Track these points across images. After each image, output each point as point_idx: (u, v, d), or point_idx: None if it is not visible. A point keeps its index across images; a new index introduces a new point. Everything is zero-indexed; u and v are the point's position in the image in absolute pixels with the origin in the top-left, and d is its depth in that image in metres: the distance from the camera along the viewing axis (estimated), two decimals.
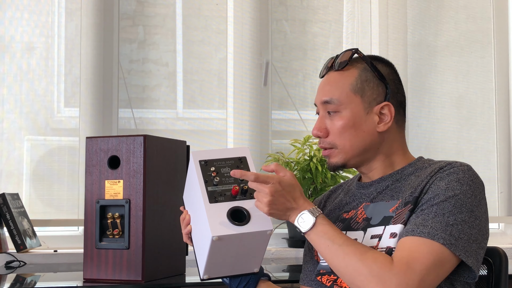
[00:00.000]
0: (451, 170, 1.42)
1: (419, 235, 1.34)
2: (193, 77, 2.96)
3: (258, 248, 1.45)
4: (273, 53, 3.03)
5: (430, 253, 1.33)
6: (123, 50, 2.88)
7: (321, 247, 1.38)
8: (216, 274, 1.47)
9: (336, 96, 1.51)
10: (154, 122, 2.91)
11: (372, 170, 1.55)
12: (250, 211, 1.40)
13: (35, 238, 2.58)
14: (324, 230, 1.39)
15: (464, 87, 3.18)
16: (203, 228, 1.39)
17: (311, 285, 1.62)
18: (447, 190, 1.39)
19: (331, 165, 1.54)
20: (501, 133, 3.16)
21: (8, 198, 2.50)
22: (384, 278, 1.30)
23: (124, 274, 1.92)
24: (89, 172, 1.97)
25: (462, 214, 1.37)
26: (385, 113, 1.51)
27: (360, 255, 1.34)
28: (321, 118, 1.54)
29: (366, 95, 1.50)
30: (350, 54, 1.53)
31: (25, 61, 2.79)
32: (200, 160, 1.45)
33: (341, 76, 1.52)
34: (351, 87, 1.51)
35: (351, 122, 1.50)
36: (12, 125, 2.76)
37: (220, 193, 1.41)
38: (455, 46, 3.18)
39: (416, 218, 1.38)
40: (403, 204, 1.44)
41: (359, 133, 1.50)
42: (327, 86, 1.54)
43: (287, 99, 3.04)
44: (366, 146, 1.51)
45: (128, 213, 1.92)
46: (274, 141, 3.01)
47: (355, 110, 1.50)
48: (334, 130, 1.51)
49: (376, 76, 1.52)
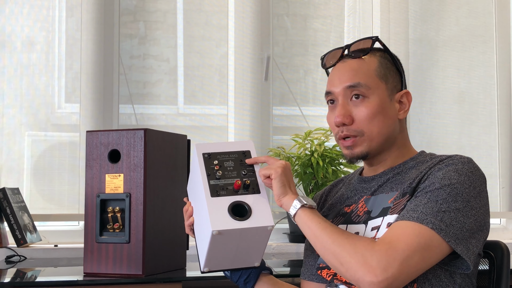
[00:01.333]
0: (450, 162, 1.42)
1: (407, 219, 1.34)
2: (194, 73, 2.95)
3: (259, 243, 1.44)
4: (274, 49, 3.02)
5: (415, 235, 1.31)
6: (123, 45, 2.87)
7: (311, 224, 1.38)
8: (216, 267, 1.47)
9: (363, 80, 1.47)
10: (155, 118, 2.90)
11: (381, 161, 1.53)
12: (252, 206, 1.40)
13: (36, 232, 2.58)
14: (318, 213, 1.41)
15: (466, 83, 3.17)
16: (204, 221, 1.39)
17: (312, 280, 1.62)
18: (444, 179, 1.37)
19: (354, 155, 1.50)
20: (503, 128, 3.16)
21: (9, 192, 2.49)
22: (365, 256, 1.30)
23: (125, 268, 1.91)
24: (90, 166, 1.97)
25: (456, 203, 1.35)
26: (403, 101, 1.51)
27: (346, 236, 1.35)
28: (343, 105, 1.48)
29: (389, 81, 1.50)
30: (371, 42, 1.51)
31: (26, 56, 2.79)
32: (203, 153, 1.44)
33: (363, 62, 1.50)
34: (376, 72, 1.49)
35: (380, 107, 1.47)
36: (12, 121, 2.76)
37: (222, 187, 1.41)
38: (457, 41, 3.18)
39: (409, 204, 1.38)
40: (401, 195, 1.43)
41: (386, 120, 1.48)
42: (350, 71, 1.49)
43: (288, 95, 3.03)
44: (390, 133, 1.50)
45: (129, 207, 1.92)
46: (275, 137, 3.01)
47: (382, 96, 1.48)
48: (361, 116, 1.47)
49: (394, 64, 1.52)
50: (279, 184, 1.42)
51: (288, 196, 1.42)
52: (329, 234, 1.35)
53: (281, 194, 1.42)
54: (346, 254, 1.32)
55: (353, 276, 1.31)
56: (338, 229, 1.37)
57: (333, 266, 1.36)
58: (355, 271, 1.30)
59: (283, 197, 1.42)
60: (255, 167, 1.46)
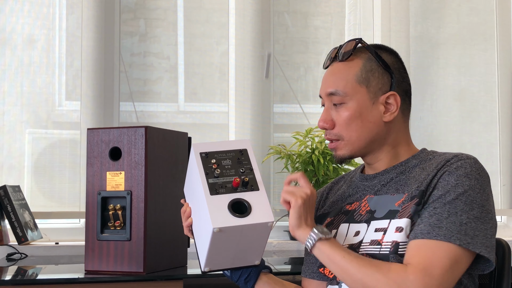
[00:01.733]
0: (458, 164, 1.41)
1: (435, 238, 1.34)
2: (194, 71, 2.95)
3: (259, 240, 1.44)
4: (274, 46, 3.02)
5: (447, 257, 1.32)
6: (124, 43, 2.87)
7: (335, 257, 1.37)
8: (217, 267, 1.47)
9: (341, 87, 1.49)
10: (155, 116, 2.90)
11: (377, 161, 1.54)
12: (251, 203, 1.40)
13: (37, 230, 2.58)
14: (337, 243, 1.39)
15: (467, 80, 3.17)
16: (204, 220, 1.39)
17: (312, 277, 1.62)
18: (457, 186, 1.38)
19: (338, 157, 1.53)
20: (504, 126, 3.16)
21: (9, 190, 2.49)
22: (402, 286, 1.30)
23: (126, 265, 1.91)
24: (90, 163, 1.97)
25: (473, 210, 1.36)
26: (391, 103, 1.50)
27: (375, 265, 1.34)
28: (326, 110, 1.53)
29: (372, 85, 1.49)
30: (353, 44, 1.52)
31: (26, 54, 2.79)
32: (201, 152, 1.44)
33: (346, 66, 1.51)
34: (355, 77, 1.49)
35: (357, 113, 1.48)
36: (13, 118, 2.76)
37: (221, 185, 1.40)
38: (458, 39, 3.17)
39: (430, 217, 1.37)
40: (409, 198, 1.43)
41: (366, 124, 1.49)
42: (331, 77, 1.52)
43: (289, 92, 3.03)
44: (373, 137, 1.50)
45: (130, 205, 1.92)
46: (275, 134, 3.01)
47: (361, 101, 1.49)
48: (340, 121, 1.50)
49: (381, 65, 1.50)
50: (296, 216, 1.40)
51: (302, 229, 1.41)
52: (357, 267, 1.34)
53: (296, 226, 1.41)
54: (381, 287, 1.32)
55: None
56: (364, 259, 1.36)
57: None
58: None
59: (297, 229, 1.41)
60: (253, 164, 1.46)
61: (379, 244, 1.42)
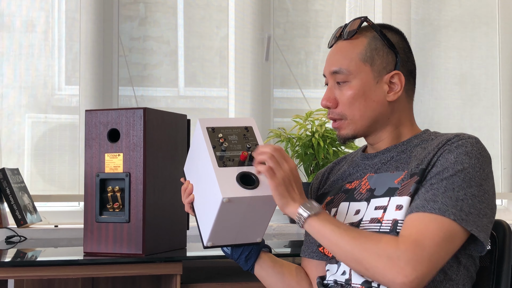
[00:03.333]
0: (459, 143, 1.40)
1: (429, 211, 1.32)
2: (194, 55, 2.94)
3: (263, 215, 1.44)
4: (275, 30, 3.00)
5: (439, 229, 1.31)
6: (123, 27, 2.86)
7: (325, 232, 1.35)
8: (220, 242, 1.47)
9: (345, 65, 1.48)
10: (155, 100, 2.89)
11: (380, 140, 1.53)
12: (259, 176, 1.40)
13: (36, 213, 2.58)
14: (327, 217, 1.38)
15: (468, 64, 3.15)
16: (211, 192, 1.39)
17: (312, 257, 1.61)
18: (456, 163, 1.36)
19: (341, 136, 1.52)
20: (505, 109, 3.15)
21: (8, 173, 2.49)
22: (392, 257, 1.28)
23: (125, 247, 1.91)
24: (89, 145, 1.96)
25: (471, 188, 1.35)
26: (395, 82, 1.48)
27: (365, 237, 1.33)
28: (330, 88, 1.51)
29: (376, 64, 1.48)
30: (359, 22, 1.50)
31: (25, 37, 2.77)
32: (207, 126, 1.44)
33: (350, 45, 1.50)
34: (360, 56, 1.48)
35: (361, 91, 1.47)
36: (13, 102, 2.75)
37: (228, 158, 1.41)
38: (459, 22, 3.15)
39: (426, 193, 1.36)
40: (408, 175, 1.42)
41: (369, 103, 1.48)
42: (336, 55, 1.51)
43: (289, 76, 3.02)
44: (376, 116, 1.49)
45: (128, 187, 1.91)
46: (276, 119, 3.00)
47: (365, 80, 1.47)
48: (343, 100, 1.48)
49: (386, 44, 1.49)
50: (278, 197, 1.38)
51: (290, 207, 1.38)
52: (346, 239, 1.33)
53: (283, 206, 1.39)
54: (371, 259, 1.30)
55: (382, 278, 1.30)
56: (355, 230, 1.35)
57: (358, 271, 1.35)
58: (383, 275, 1.29)
59: (285, 209, 1.39)
60: (259, 141, 1.47)
61: (379, 222, 1.42)
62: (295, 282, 1.60)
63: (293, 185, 1.39)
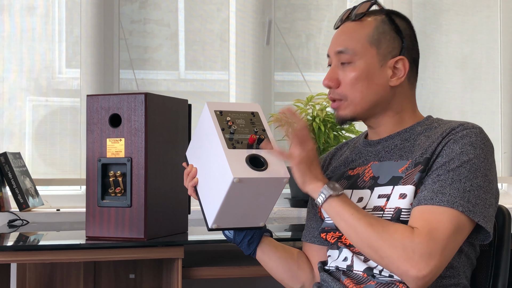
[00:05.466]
0: (464, 133, 1.40)
1: (438, 204, 1.33)
2: (195, 38, 2.93)
3: (269, 199, 1.46)
4: (276, 13, 2.99)
5: (450, 222, 1.32)
6: (124, 10, 2.85)
7: (344, 214, 1.37)
8: (224, 225, 1.48)
9: (351, 46, 1.48)
10: (156, 83, 2.89)
11: (380, 125, 1.53)
12: (268, 159, 1.42)
13: (38, 197, 2.59)
14: (348, 200, 1.39)
15: (469, 48, 3.15)
16: (220, 173, 1.40)
17: (313, 242, 1.63)
18: (462, 154, 1.37)
19: (339, 117, 1.51)
20: (505, 93, 3.15)
21: (10, 157, 2.50)
22: (407, 249, 1.30)
23: (127, 232, 1.92)
24: (90, 130, 1.96)
25: (477, 179, 1.36)
26: (399, 68, 1.48)
27: (382, 225, 1.34)
28: (333, 68, 1.50)
29: (382, 47, 1.48)
30: (368, 5, 1.50)
31: (26, 21, 2.76)
32: (215, 110, 1.46)
33: (358, 26, 1.50)
34: (367, 38, 1.48)
35: (364, 73, 1.47)
36: (13, 86, 2.75)
37: (237, 141, 1.42)
38: (461, 6, 3.14)
39: (433, 184, 1.36)
40: (413, 165, 1.42)
41: (371, 86, 1.47)
42: (342, 36, 1.51)
43: (290, 60, 3.01)
44: (377, 99, 1.49)
45: (130, 171, 1.92)
46: (276, 102, 3.00)
47: (369, 62, 1.47)
48: (346, 81, 1.48)
49: (393, 29, 1.49)
50: (299, 174, 1.39)
51: (312, 184, 1.40)
52: (364, 225, 1.34)
53: (303, 183, 1.40)
54: (386, 248, 1.31)
55: (396, 269, 1.32)
56: (373, 217, 1.36)
57: (372, 258, 1.36)
58: (397, 266, 1.31)
59: (306, 186, 1.40)
60: (265, 126, 1.49)
61: (381, 210, 1.42)
62: (296, 266, 1.61)
63: (314, 164, 1.40)
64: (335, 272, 1.49)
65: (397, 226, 1.34)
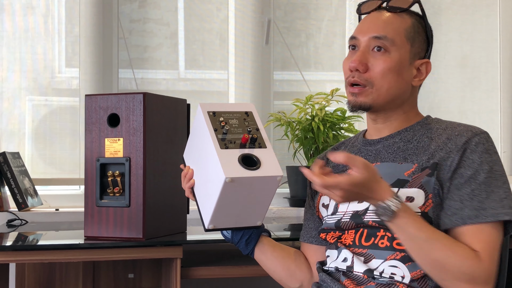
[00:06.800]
0: (476, 140, 1.42)
1: (485, 221, 1.36)
2: (194, 37, 2.93)
3: (264, 197, 1.46)
4: (275, 12, 2.99)
5: (498, 236, 1.38)
6: (123, 9, 2.85)
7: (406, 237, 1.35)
8: (221, 225, 1.48)
9: (390, 35, 1.47)
10: (155, 83, 2.89)
11: (387, 121, 1.53)
12: (260, 158, 1.42)
13: (37, 197, 2.59)
14: (406, 221, 1.33)
15: (469, 47, 3.14)
16: (213, 174, 1.40)
17: (311, 242, 1.62)
18: (482, 164, 1.40)
19: (357, 103, 1.48)
20: (505, 93, 3.14)
21: (9, 156, 2.50)
22: (474, 275, 1.33)
23: (125, 231, 1.92)
24: (89, 130, 1.96)
25: (505, 184, 1.41)
26: (421, 70, 1.51)
27: (449, 250, 1.34)
28: (363, 52, 1.48)
29: (415, 46, 1.50)
30: (411, 1, 1.51)
31: (25, 20, 2.76)
32: (208, 111, 1.46)
33: (396, 18, 1.49)
34: (406, 32, 1.48)
35: (397, 66, 1.47)
36: (13, 85, 2.75)
37: (230, 141, 1.43)
38: (460, 5, 3.14)
39: (471, 200, 1.38)
40: (419, 169, 1.43)
41: (399, 80, 1.48)
42: (382, 23, 1.49)
43: (290, 59, 3.01)
44: (399, 95, 1.49)
45: (129, 171, 1.92)
46: (276, 102, 2.99)
47: (403, 56, 1.48)
48: (377, 68, 1.46)
49: (425, 32, 1.52)
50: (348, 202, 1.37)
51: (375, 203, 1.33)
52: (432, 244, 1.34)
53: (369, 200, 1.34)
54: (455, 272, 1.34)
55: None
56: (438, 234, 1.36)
57: (433, 276, 1.36)
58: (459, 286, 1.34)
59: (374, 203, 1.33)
60: (259, 125, 1.49)
61: None
62: (294, 266, 1.61)
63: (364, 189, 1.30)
64: (334, 273, 1.49)
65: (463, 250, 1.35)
